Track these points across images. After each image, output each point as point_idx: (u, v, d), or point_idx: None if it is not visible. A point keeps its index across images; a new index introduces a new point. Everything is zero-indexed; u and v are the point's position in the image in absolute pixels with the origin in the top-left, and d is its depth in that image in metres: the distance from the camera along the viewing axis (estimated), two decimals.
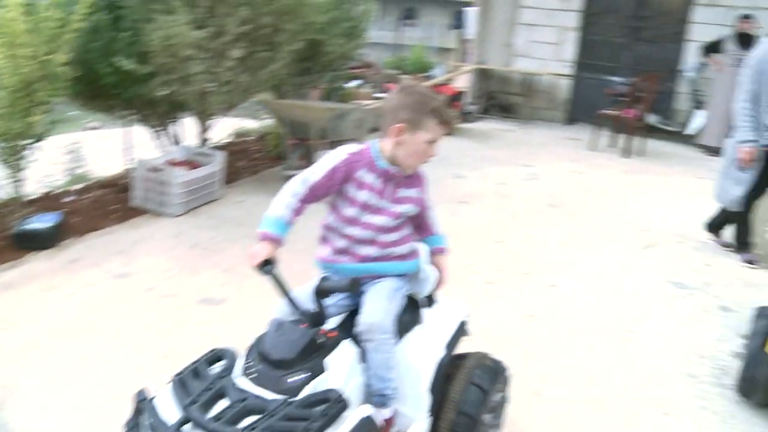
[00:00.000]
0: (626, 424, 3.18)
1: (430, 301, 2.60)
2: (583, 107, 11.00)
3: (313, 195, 2.27)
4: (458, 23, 14.35)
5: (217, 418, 1.87)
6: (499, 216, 6.02)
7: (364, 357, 2.25)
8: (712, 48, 9.57)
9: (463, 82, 12.45)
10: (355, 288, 2.18)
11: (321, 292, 2.20)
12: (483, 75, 11.70)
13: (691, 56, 10.42)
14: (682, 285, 4.79)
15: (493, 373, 2.65)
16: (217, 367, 2.10)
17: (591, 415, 3.23)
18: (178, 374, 2.07)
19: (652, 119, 9.93)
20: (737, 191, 5.14)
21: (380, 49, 25.64)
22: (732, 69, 9.24)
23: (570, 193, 6.92)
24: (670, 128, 10.45)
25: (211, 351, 2.17)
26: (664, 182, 7.72)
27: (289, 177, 2.37)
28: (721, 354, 3.87)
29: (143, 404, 1.99)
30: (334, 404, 1.94)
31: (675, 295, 4.62)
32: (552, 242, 5.44)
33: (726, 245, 5.57)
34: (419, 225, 2.54)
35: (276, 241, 2.18)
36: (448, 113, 2.39)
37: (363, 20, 8.44)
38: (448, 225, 2.82)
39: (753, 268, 5.21)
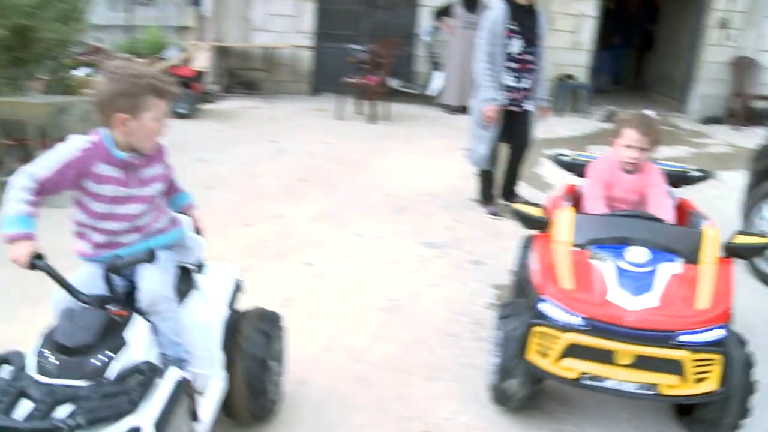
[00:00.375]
0: (394, 397, 3.08)
1: (200, 267, 2.65)
2: (327, 77, 10.96)
3: (44, 189, 2.12)
4: (195, 0, 13.66)
5: (29, 417, 1.81)
6: (248, 198, 5.71)
7: (154, 329, 2.27)
8: (443, 12, 9.97)
9: (202, 61, 11.86)
10: (152, 258, 2.17)
11: (114, 269, 2.19)
12: (222, 52, 11.21)
13: (424, 21, 10.77)
14: (435, 245, 4.84)
15: (272, 320, 2.83)
16: (5, 371, 1.99)
17: (358, 394, 3.08)
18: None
19: (394, 83, 10.15)
20: (482, 149, 5.35)
21: (112, 32, 23.93)
22: (462, 31, 9.71)
23: (319, 165, 6.79)
24: (412, 91, 10.78)
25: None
26: (410, 145, 7.88)
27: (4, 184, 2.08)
28: (477, 308, 3.94)
29: None
30: (148, 373, 2.00)
31: (428, 256, 4.65)
32: (304, 219, 5.25)
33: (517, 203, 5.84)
34: (165, 190, 2.52)
35: (27, 237, 2.06)
36: (165, 82, 2.27)
37: (81, 1, 7.58)
38: None
39: (497, 219, 5.43)
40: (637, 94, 14.43)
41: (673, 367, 2.55)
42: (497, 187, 5.75)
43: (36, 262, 2.04)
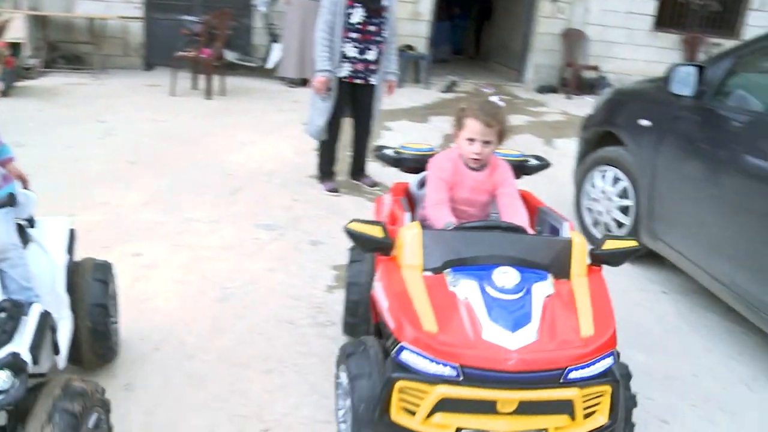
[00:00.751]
0: (230, 394, 2.88)
1: (31, 222, 2.69)
2: (161, 50, 10.35)
3: None
4: None
5: None
6: (71, 184, 5.21)
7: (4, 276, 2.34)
8: None
9: (17, 31, 10.85)
10: (13, 201, 2.35)
11: None
12: (40, 22, 10.28)
13: None
14: (272, 226, 4.65)
15: (106, 268, 2.96)
16: None
17: (191, 394, 2.85)
18: None
19: (231, 56, 9.75)
20: (319, 121, 5.21)
21: None
22: (300, 1, 9.46)
23: (151, 146, 6.36)
24: (250, 64, 10.41)
25: None
26: (249, 120, 7.60)
27: None
28: (316, 291, 3.80)
29: None
30: (12, 309, 2.07)
31: (265, 239, 4.45)
32: (132, 205, 4.87)
33: (372, 184, 5.68)
34: None
35: None
36: None
37: None
38: None
39: (336, 196, 5.31)
40: (476, 64, 14.80)
41: (562, 407, 2.19)
42: (338, 163, 5.61)
43: None
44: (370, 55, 5.18)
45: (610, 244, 2.59)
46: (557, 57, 11.92)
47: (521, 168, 3.40)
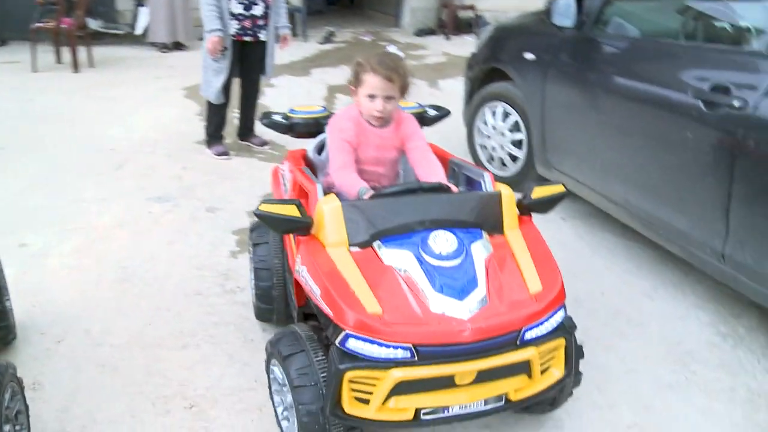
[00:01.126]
0: (147, 376, 2.74)
1: None
2: (14, 23, 9.60)
3: None
4: None
5: None
6: None
7: None
8: None
9: None
10: None
11: None
12: None
13: None
14: (164, 198, 4.47)
15: None
16: None
17: (105, 383, 2.69)
18: None
19: (95, 24, 9.20)
20: (216, 82, 5.01)
21: None
22: None
23: (20, 128, 5.93)
24: (116, 31, 9.87)
25: None
26: (124, 91, 7.22)
27: None
28: (219, 259, 3.69)
29: None
30: None
31: (159, 212, 4.27)
32: (10, 193, 4.53)
33: (262, 143, 5.55)
34: None
35: None
36: None
37: None
38: None
39: (227, 159, 5.18)
40: (353, 12, 14.64)
41: (520, 368, 2.10)
42: (227, 126, 5.43)
43: None
44: (257, 11, 5.00)
45: (538, 192, 2.47)
46: None
47: (420, 119, 3.19)
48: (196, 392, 2.66)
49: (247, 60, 5.16)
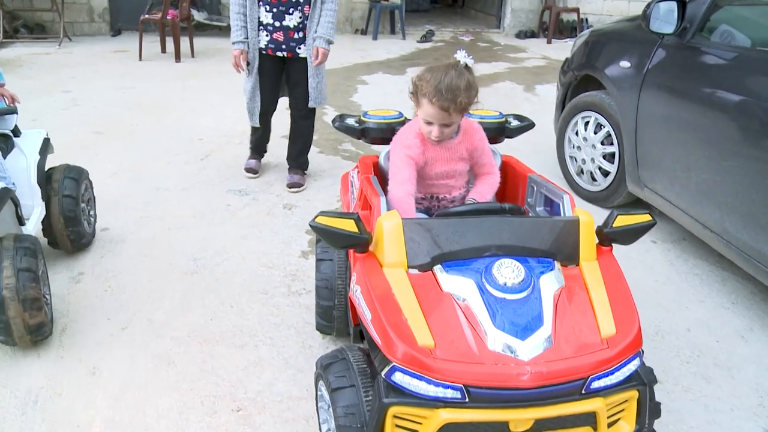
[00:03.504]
0: (200, 373, 2.71)
1: (15, 132, 3.45)
2: (127, 14, 10.06)
3: None
4: None
5: None
6: None
7: None
8: None
9: None
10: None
11: None
12: None
13: None
14: (244, 191, 4.48)
15: (79, 171, 3.66)
16: None
17: (160, 376, 2.69)
18: None
19: (199, 16, 9.44)
20: (251, 103, 4.48)
21: None
22: None
23: (118, 115, 6.13)
24: (219, 23, 10.08)
25: None
26: (218, 82, 7.35)
27: None
28: (290, 258, 3.63)
29: None
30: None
31: (237, 205, 4.28)
32: (99, 177, 4.61)
33: (293, 185, 4.78)
34: None
35: None
36: None
37: None
38: None
39: (253, 177, 4.75)
40: (454, 11, 14.46)
41: (583, 420, 1.88)
42: (268, 140, 4.88)
43: None
44: (291, 21, 4.21)
45: (621, 221, 2.21)
46: (536, 1, 11.62)
47: (501, 130, 3.06)
48: (246, 395, 2.61)
49: (289, 80, 4.44)
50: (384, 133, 2.98)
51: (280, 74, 4.40)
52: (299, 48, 4.27)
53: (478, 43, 10.69)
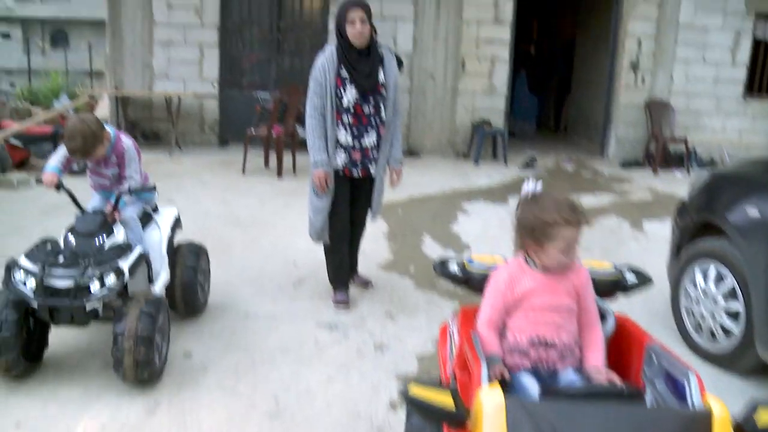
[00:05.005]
0: None
1: (155, 209, 4.16)
2: (235, 126, 10.44)
3: None
4: None
5: (64, 262, 3.29)
6: None
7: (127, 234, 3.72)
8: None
9: (104, 110, 11.16)
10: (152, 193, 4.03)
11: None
12: (122, 101, 10.51)
13: None
14: (334, 325, 4.27)
15: (201, 249, 4.32)
16: (48, 245, 3.43)
17: None
18: (29, 250, 3.44)
19: (303, 132, 9.62)
20: (318, 221, 4.44)
21: (23, 76, 22.98)
22: None
23: (216, 229, 6.16)
24: None
25: (41, 239, 3.49)
26: None
27: None
28: (377, 407, 3.35)
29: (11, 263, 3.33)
30: (126, 246, 3.51)
31: (327, 341, 4.06)
32: None
33: (365, 283, 4.93)
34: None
35: (55, 176, 3.66)
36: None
37: None
38: None
39: (345, 309, 4.51)
40: (557, 137, 14.37)
41: None
42: (348, 269, 4.71)
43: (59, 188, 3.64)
44: (368, 141, 4.34)
45: (765, 417, 1.86)
46: (641, 129, 11.36)
47: (616, 286, 2.77)
48: None
49: (354, 195, 4.50)
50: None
51: (348, 192, 4.46)
52: (371, 166, 4.43)
53: (581, 171, 10.46)
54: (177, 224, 4.24)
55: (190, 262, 4.10)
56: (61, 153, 3.73)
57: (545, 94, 15.07)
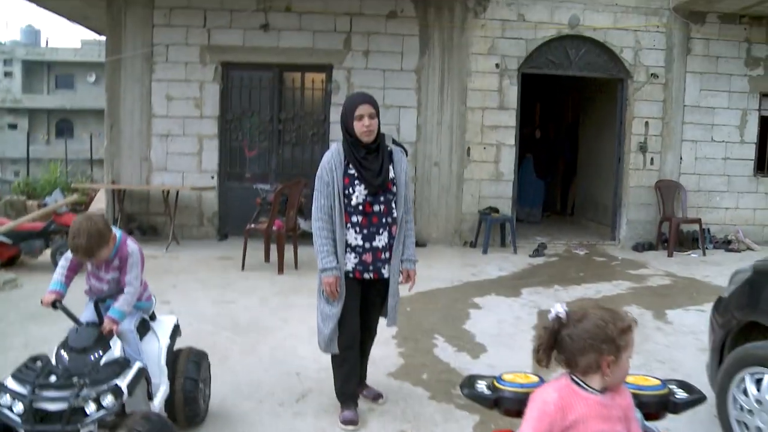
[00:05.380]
0: None
1: (152, 317, 3.93)
2: (234, 220, 10.16)
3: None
4: None
5: (56, 383, 3.05)
6: None
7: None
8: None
9: (100, 203, 10.90)
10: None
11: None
12: (119, 194, 10.22)
13: None
14: None
15: (201, 354, 4.07)
16: (38, 363, 3.18)
17: None
18: (17, 369, 3.12)
19: (305, 225, 9.28)
20: (327, 329, 4.07)
21: (22, 165, 23.12)
22: None
23: (213, 335, 5.69)
24: None
25: (31, 356, 3.25)
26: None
27: None
28: None
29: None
30: (123, 362, 3.32)
31: None
32: None
33: (376, 396, 4.45)
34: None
35: (56, 293, 3.50)
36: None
37: None
38: None
39: (353, 429, 4.04)
40: (565, 221, 14.09)
41: None
42: (357, 383, 4.31)
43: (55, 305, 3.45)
44: (380, 242, 4.06)
45: None
46: (652, 211, 11.09)
47: (664, 406, 2.48)
48: None
49: (365, 300, 4.17)
50: (522, 405, 2.38)
51: (358, 296, 4.13)
52: (383, 268, 4.11)
53: (593, 257, 10.08)
54: (176, 332, 4.00)
55: (190, 373, 3.83)
56: (62, 264, 3.58)
57: (551, 177, 14.85)
